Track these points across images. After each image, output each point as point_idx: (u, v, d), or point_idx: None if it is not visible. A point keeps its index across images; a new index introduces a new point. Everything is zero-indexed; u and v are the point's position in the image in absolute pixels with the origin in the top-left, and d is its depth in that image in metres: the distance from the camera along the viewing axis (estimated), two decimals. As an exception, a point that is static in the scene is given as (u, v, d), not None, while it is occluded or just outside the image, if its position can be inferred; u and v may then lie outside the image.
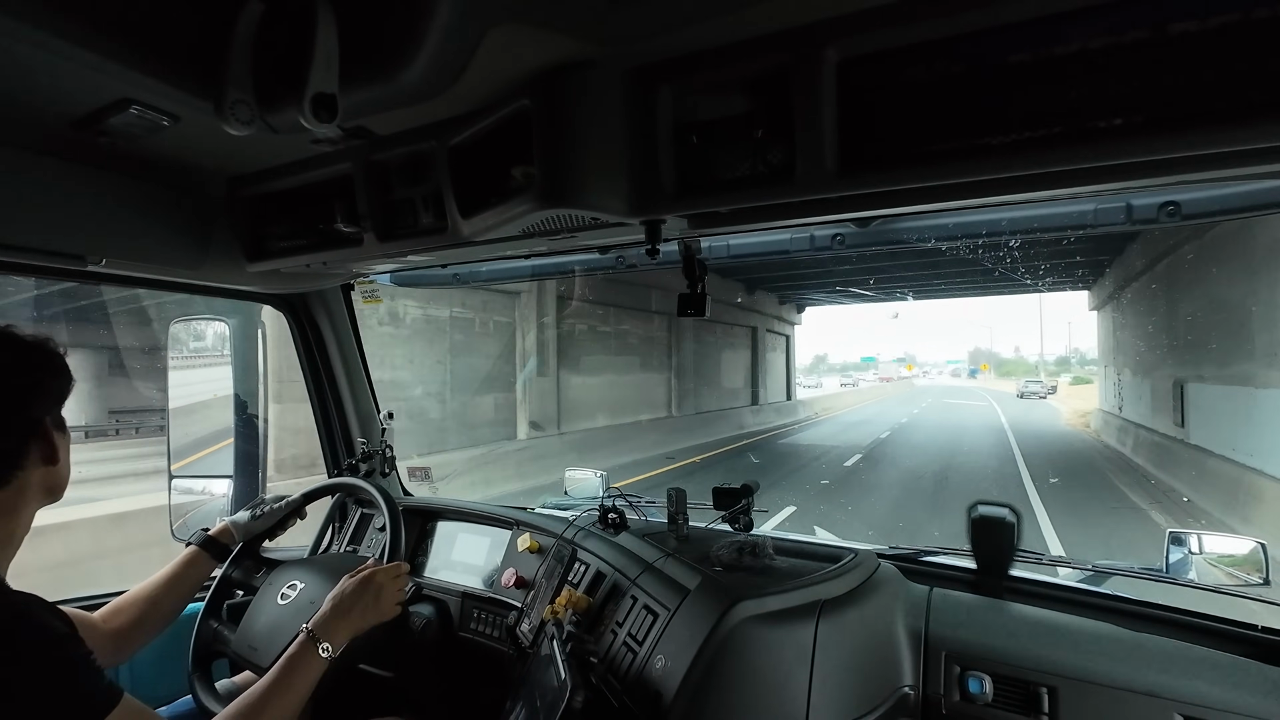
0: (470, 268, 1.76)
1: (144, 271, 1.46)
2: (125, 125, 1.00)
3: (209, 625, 1.43)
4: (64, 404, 0.97)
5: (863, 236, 1.30)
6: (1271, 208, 1.00)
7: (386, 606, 1.18)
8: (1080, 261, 17.35)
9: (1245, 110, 0.64)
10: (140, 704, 0.85)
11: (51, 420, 0.93)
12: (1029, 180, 0.79)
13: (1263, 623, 1.06)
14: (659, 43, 0.86)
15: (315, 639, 1.07)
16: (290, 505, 1.50)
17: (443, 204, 1.16)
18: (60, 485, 0.97)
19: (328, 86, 0.73)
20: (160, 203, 1.33)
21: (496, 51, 0.86)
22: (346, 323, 2.03)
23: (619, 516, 1.56)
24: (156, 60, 0.77)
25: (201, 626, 1.43)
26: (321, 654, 1.06)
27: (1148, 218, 1.07)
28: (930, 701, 1.02)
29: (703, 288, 1.30)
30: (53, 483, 0.95)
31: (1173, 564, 1.23)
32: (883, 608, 1.10)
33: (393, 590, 1.21)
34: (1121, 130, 0.69)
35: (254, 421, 1.97)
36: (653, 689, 1.02)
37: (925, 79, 0.77)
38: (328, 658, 1.06)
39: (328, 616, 1.12)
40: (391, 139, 1.15)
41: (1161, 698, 0.89)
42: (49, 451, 0.92)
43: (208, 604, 1.47)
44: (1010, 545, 1.19)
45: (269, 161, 1.30)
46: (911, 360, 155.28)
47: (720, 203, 0.95)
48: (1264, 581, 1.13)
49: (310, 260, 1.44)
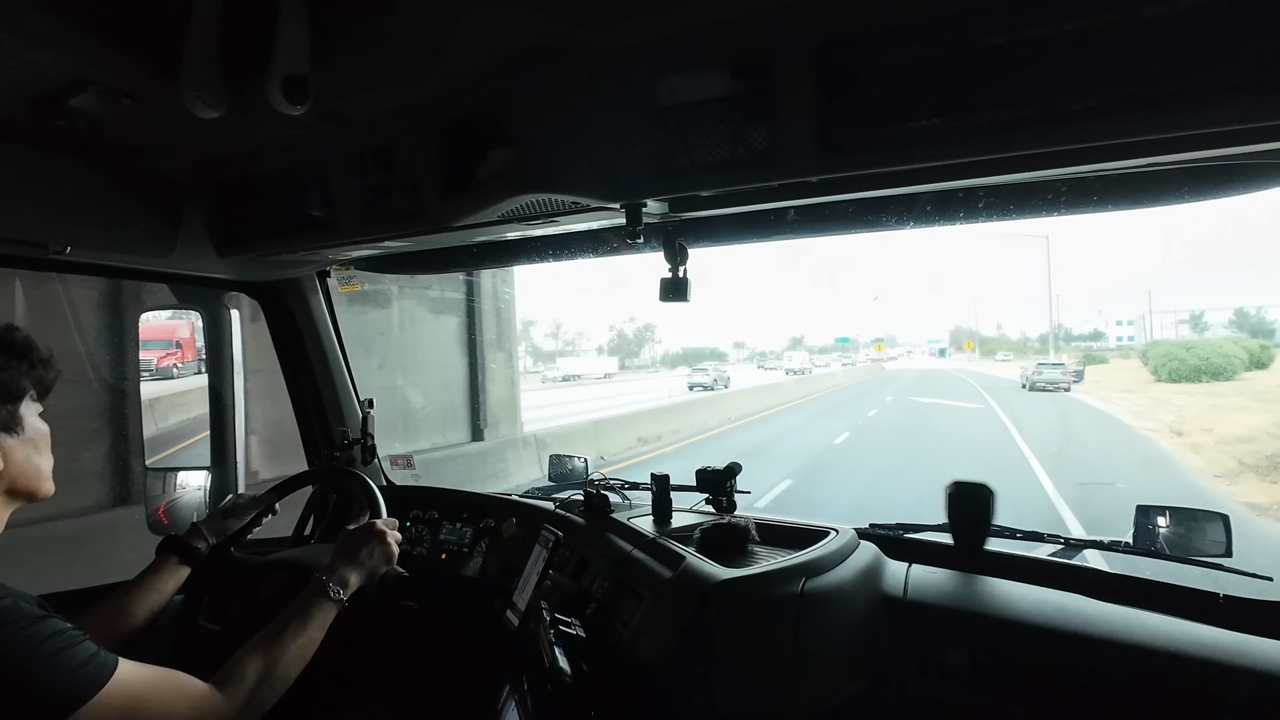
0: (448, 253, 1.73)
1: (111, 260, 1.41)
2: (85, 107, 0.96)
3: (190, 623, 1.38)
4: (21, 400, 0.89)
5: (842, 219, 1.30)
6: (1236, 189, 1.02)
7: (390, 551, 1.20)
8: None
9: (1214, 92, 0.65)
10: (142, 665, 0.84)
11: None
12: (1004, 162, 0.80)
13: (1224, 591, 1.10)
14: (638, 24, 0.85)
15: (325, 583, 1.08)
16: (261, 502, 1.47)
17: (419, 189, 1.14)
18: (21, 487, 0.90)
19: (298, 68, 0.71)
20: (126, 188, 1.29)
21: (471, 32, 0.84)
22: (324, 310, 1.99)
23: (603, 501, 1.57)
24: (118, 39, 0.74)
25: (181, 623, 1.39)
26: (333, 596, 1.07)
27: (1118, 199, 1.09)
28: (909, 675, 1.05)
29: (685, 272, 1.30)
30: (8, 485, 0.88)
31: (1140, 536, 1.27)
32: (863, 584, 1.12)
33: (392, 537, 1.22)
34: (1094, 112, 0.70)
35: (229, 412, 1.94)
36: (639, 669, 1.03)
37: (903, 61, 0.78)
38: (338, 600, 1.08)
39: (336, 563, 1.13)
40: (366, 122, 1.12)
41: (1130, 665, 0.93)
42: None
43: (179, 622, 1.38)
44: (986, 521, 1.22)
45: (239, 146, 1.26)
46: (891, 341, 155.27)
47: (701, 186, 0.95)
48: (1226, 552, 1.17)
49: (284, 246, 1.41)
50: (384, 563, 1.19)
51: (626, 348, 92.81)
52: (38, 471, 0.92)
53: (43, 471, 0.93)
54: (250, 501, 1.45)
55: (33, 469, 0.91)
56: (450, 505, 1.86)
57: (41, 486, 0.93)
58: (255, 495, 1.48)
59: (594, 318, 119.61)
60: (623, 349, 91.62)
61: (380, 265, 1.85)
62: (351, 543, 1.17)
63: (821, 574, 1.09)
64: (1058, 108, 0.71)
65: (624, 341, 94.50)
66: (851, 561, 1.16)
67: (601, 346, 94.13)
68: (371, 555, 1.17)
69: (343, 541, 1.18)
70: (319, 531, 1.89)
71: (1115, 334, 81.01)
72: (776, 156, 0.85)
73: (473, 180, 1.08)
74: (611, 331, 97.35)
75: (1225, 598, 1.09)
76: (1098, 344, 77.37)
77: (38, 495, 0.93)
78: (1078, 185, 1.12)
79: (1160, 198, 1.07)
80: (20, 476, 0.90)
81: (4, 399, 0.87)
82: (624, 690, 1.03)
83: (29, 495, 0.92)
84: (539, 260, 1.68)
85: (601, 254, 1.59)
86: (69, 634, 0.78)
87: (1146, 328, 69.76)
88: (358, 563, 1.14)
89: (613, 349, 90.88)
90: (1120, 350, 56.91)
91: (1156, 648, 0.94)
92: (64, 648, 0.77)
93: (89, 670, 0.77)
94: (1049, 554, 1.31)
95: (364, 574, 1.15)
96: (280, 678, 0.96)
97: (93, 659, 0.78)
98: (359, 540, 1.17)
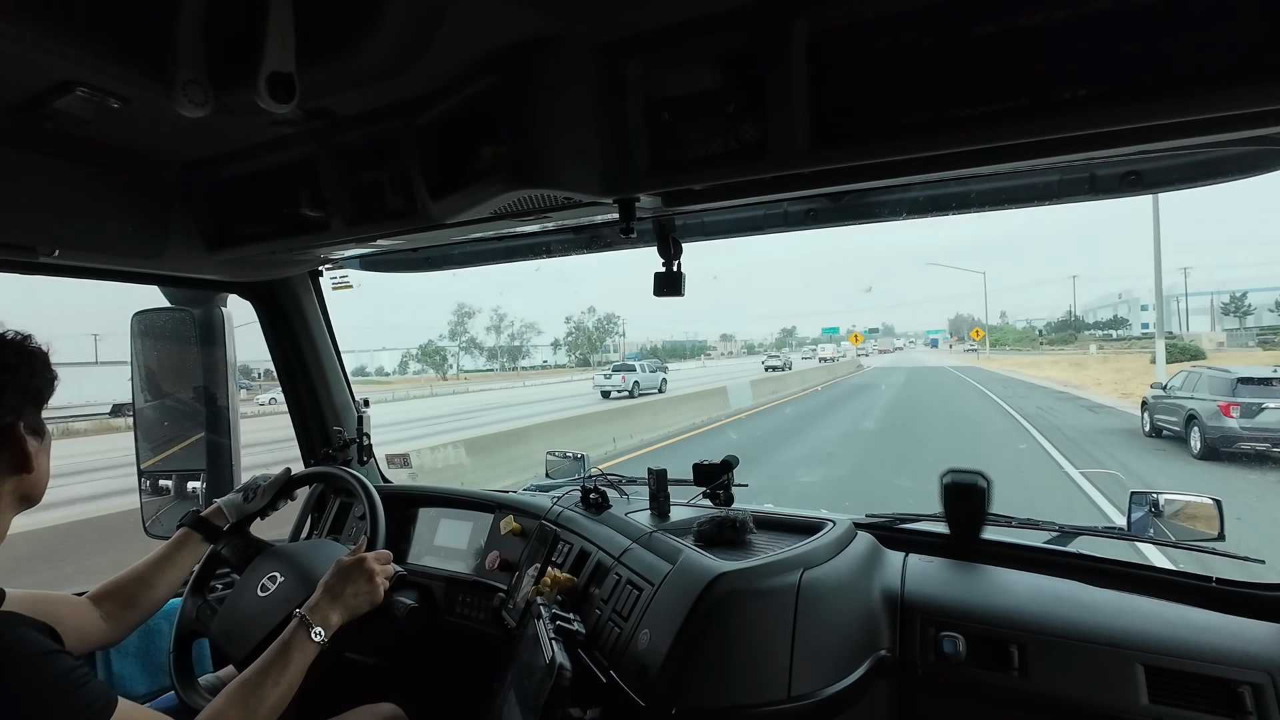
0: (442, 250, 1.73)
1: (100, 262, 1.40)
2: (72, 109, 0.95)
3: (193, 602, 1.41)
4: (42, 406, 0.92)
5: (836, 211, 1.31)
6: (1228, 175, 1.03)
7: (376, 591, 1.19)
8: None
9: (1203, 80, 0.65)
10: (137, 706, 0.84)
11: (25, 425, 0.88)
12: (996, 152, 0.80)
13: (1217, 575, 1.11)
14: (627, 17, 0.85)
15: (308, 624, 1.07)
16: (278, 483, 1.47)
17: (411, 186, 1.13)
18: (36, 492, 0.93)
19: (284, 65, 0.70)
20: (114, 190, 1.28)
21: (460, 27, 0.83)
22: (316, 310, 1.98)
23: (601, 496, 1.57)
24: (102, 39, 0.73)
25: (186, 602, 1.41)
26: (314, 638, 1.06)
27: (1110, 187, 1.10)
28: (906, 663, 1.06)
29: (679, 266, 1.30)
30: (26, 490, 0.91)
31: (1134, 522, 1.28)
32: (860, 574, 1.13)
33: (381, 575, 1.21)
34: (1084, 100, 0.70)
35: (225, 414, 1.93)
36: (638, 663, 1.04)
37: (894, 51, 0.77)
38: (320, 642, 1.07)
39: (319, 602, 1.12)
40: (355, 119, 1.12)
41: (1124, 648, 0.93)
42: (20, 458, 0.87)
43: (194, 581, 1.44)
44: (981, 510, 1.23)
45: (227, 145, 1.25)
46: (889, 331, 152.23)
47: (694, 180, 0.95)
48: (1219, 536, 1.18)
49: (275, 246, 1.40)
50: (366, 604, 1.17)
51: (588, 342, 78.17)
52: (47, 476, 0.95)
53: (48, 476, 0.95)
54: (270, 485, 1.45)
55: (46, 474, 0.94)
56: (449, 503, 1.86)
57: (44, 491, 0.95)
58: (273, 478, 1.47)
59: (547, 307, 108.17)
60: (582, 344, 77.95)
61: (373, 264, 1.84)
62: (339, 579, 1.16)
63: (819, 565, 1.09)
64: (1048, 97, 0.71)
65: (583, 335, 78.84)
66: (849, 552, 1.16)
67: (557, 341, 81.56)
68: (356, 596, 1.15)
69: (331, 575, 1.17)
70: (319, 534, 1.89)
71: (1141, 320, 69.86)
72: (769, 149, 0.84)
73: (465, 177, 1.07)
74: (568, 324, 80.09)
75: (1218, 580, 1.10)
76: (1118, 332, 69.34)
77: (38, 499, 0.95)
78: (1070, 174, 1.12)
79: (1151, 185, 1.08)
80: (40, 481, 0.93)
81: (36, 406, 0.91)
82: (625, 683, 1.04)
83: (35, 500, 0.94)
84: (533, 256, 1.68)
85: (595, 249, 1.59)
86: (77, 674, 0.79)
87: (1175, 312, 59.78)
88: (341, 602, 1.13)
89: (571, 344, 78.77)
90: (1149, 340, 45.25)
91: (1151, 632, 0.95)
92: (71, 690, 0.77)
93: (92, 713, 0.77)
94: (1045, 541, 1.32)
95: (346, 614, 1.14)
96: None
97: (96, 702, 0.78)
98: (345, 579, 1.16)
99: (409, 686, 1.69)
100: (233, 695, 0.96)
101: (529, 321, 77.58)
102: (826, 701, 0.97)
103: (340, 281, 1.95)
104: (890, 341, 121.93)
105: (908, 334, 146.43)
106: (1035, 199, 1.16)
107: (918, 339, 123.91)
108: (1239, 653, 0.89)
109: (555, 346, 79.56)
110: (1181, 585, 1.12)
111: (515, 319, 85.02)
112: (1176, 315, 61.16)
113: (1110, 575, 1.17)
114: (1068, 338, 68.07)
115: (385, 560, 1.24)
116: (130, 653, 1.56)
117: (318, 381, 2.01)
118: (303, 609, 1.10)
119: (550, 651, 0.99)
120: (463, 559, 1.74)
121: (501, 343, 74.54)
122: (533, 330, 77.10)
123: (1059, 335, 71.72)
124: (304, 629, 1.06)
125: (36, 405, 0.91)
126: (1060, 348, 55.44)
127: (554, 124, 0.94)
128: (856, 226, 1.37)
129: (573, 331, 79.55)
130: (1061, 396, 16.11)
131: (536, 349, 78.91)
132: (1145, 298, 69.46)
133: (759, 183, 0.96)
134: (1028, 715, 0.97)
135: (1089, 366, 26.51)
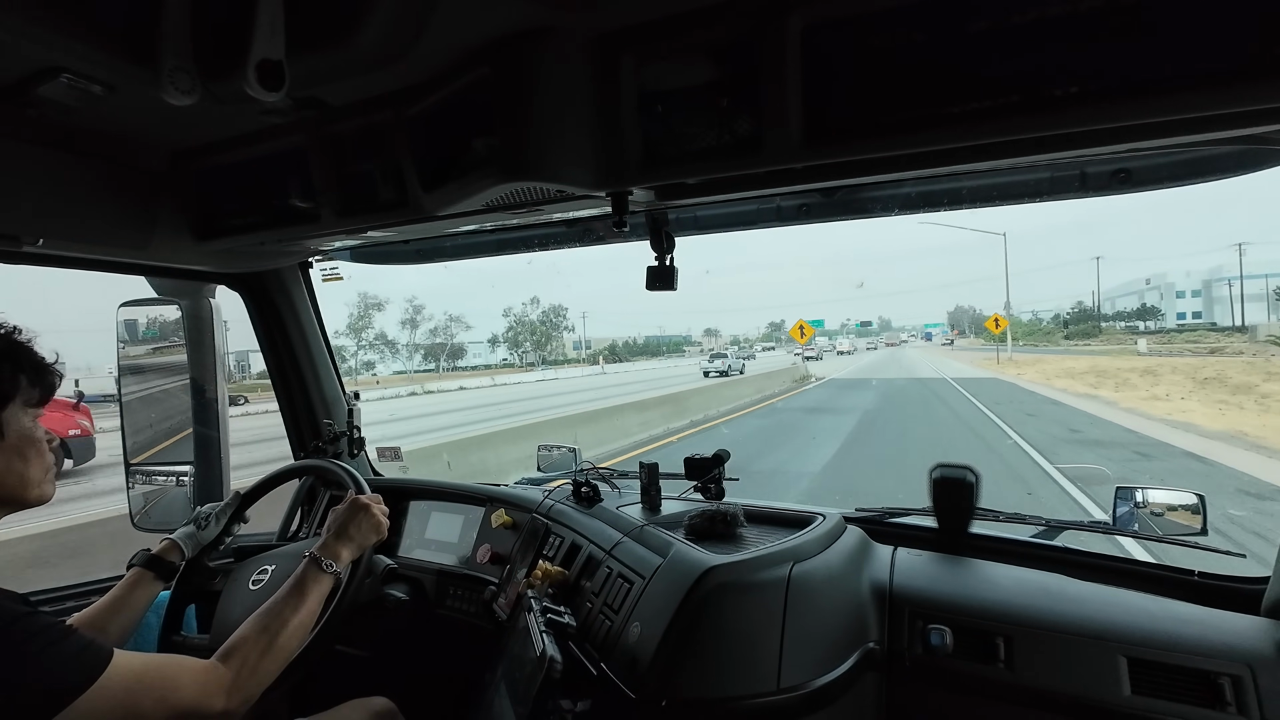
0: (433, 243, 1.72)
1: (86, 252, 1.38)
2: (56, 96, 0.94)
3: (170, 640, 1.37)
4: (11, 399, 0.87)
5: (828, 206, 1.31)
6: (1216, 174, 1.04)
7: (380, 523, 1.22)
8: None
9: (1192, 80, 0.66)
10: (138, 654, 0.83)
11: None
12: (988, 149, 0.80)
13: (1199, 568, 1.13)
14: (620, 9, 0.84)
15: (318, 559, 1.08)
16: (231, 506, 1.45)
17: (402, 177, 1.12)
18: (7, 495, 0.88)
19: (273, 53, 0.69)
20: (100, 179, 1.26)
21: (452, 16, 0.83)
22: (306, 301, 1.97)
23: (592, 490, 1.58)
24: (86, 25, 0.72)
25: (162, 645, 1.37)
26: (326, 569, 1.08)
27: (1100, 184, 1.10)
28: (895, 655, 1.07)
29: (671, 260, 1.30)
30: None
31: (1119, 517, 1.30)
32: (849, 568, 1.14)
33: (379, 510, 1.23)
34: (1076, 98, 0.70)
35: (213, 408, 1.91)
36: (629, 655, 1.04)
37: (888, 47, 0.77)
38: (333, 572, 1.08)
39: (326, 540, 1.14)
40: (346, 109, 1.11)
41: (1107, 640, 0.95)
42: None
43: (164, 625, 1.40)
44: (970, 504, 1.24)
45: (216, 134, 1.24)
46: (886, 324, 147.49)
47: (687, 173, 0.95)
48: (1201, 531, 1.20)
49: (265, 237, 1.38)
50: (373, 533, 1.20)
51: (533, 339, 64.35)
52: (21, 479, 0.90)
53: (28, 479, 0.90)
54: (223, 509, 1.44)
55: (15, 477, 0.89)
56: (440, 497, 1.85)
57: (28, 494, 0.91)
58: (223, 504, 1.46)
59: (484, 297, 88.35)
60: (525, 340, 64.39)
61: (364, 256, 1.83)
62: (339, 520, 1.19)
63: (809, 558, 1.10)
64: (1039, 95, 0.72)
65: (526, 330, 64.80)
66: (838, 546, 1.17)
67: (496, 336, 65.39)
68: (359, 529, 1.18)
69: (331, 522, 1.20)
70: (309, 528, 1.87)
71: (1177, 309, 59.50)
72: (762, 143, 0.84)
73: (457, 169, 1.07)
74: (508, 317, 64.61)
75: (1200, 574, 1.11)
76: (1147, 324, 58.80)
77: (25, 503, 0.91)
78: (1061, 171, 1.13)
79: (1141, 183, 1.08)
80: (12, 482, 0.88)
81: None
82: (615, 676, 1.04)
83: (15, 503, 0.90)
84: (525, 250, 1.67)
85: (588, 243, 1.58)
86: (56, 629, 0.78)
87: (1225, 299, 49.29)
88: (347, 537, 1.16)
89: (511, 340, 64.07)
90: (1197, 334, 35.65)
91: (1134, 624, 0.96)
92: (52, 642, 0.76)
93: (85, 658, 0.77)
94: (1031, 535, 1.33)
95: (354, 548, 1.17)
96: (281, 648, 0.97)
97: (86, 649, 0.78)
98: (349, 516, 1.19)
99: (400, 680, 1.69)
100: (252, 624, 0.97)
101: (454, 314, 61.33)
102: (816, 693, 0.97)
103: (330, 273, 1.94)
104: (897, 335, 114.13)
105: (905, 327, 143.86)
106: (1026, 195, 1.17)
107: (916, 333, 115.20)
108: (1219, 645, 0.91)
109: (493, 343, 63.63)
110: (1164, 578, 1.14)
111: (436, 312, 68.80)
112: (1229, 303, 51.36)
113: (1095, 569, 1.19)
114: (1088, 330, 57.90)
115: (377, 500, 1.26)
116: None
117: (308, 374, 1.99)
118: (311, 550, 1.11)
119: (541, 644, 1.00)
120: (454, 552, 1.74)
121: (419, 340, 58.01)
122: (459, 324, 59.74)
123: (1078, 329, 61.68)
124: (314, 564, 1.08)
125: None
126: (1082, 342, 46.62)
127: (547, 116, 0.93)
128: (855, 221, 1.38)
129: (513, 326, 64.96)
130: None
131: (472, 346, 63.79)
132: (1181, 283, 60.86)
133: (752, 177, 0.96)
134: (1013, 706, 0.98)
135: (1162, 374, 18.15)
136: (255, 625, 0.97)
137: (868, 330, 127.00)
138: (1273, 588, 1.01)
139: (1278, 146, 0.90)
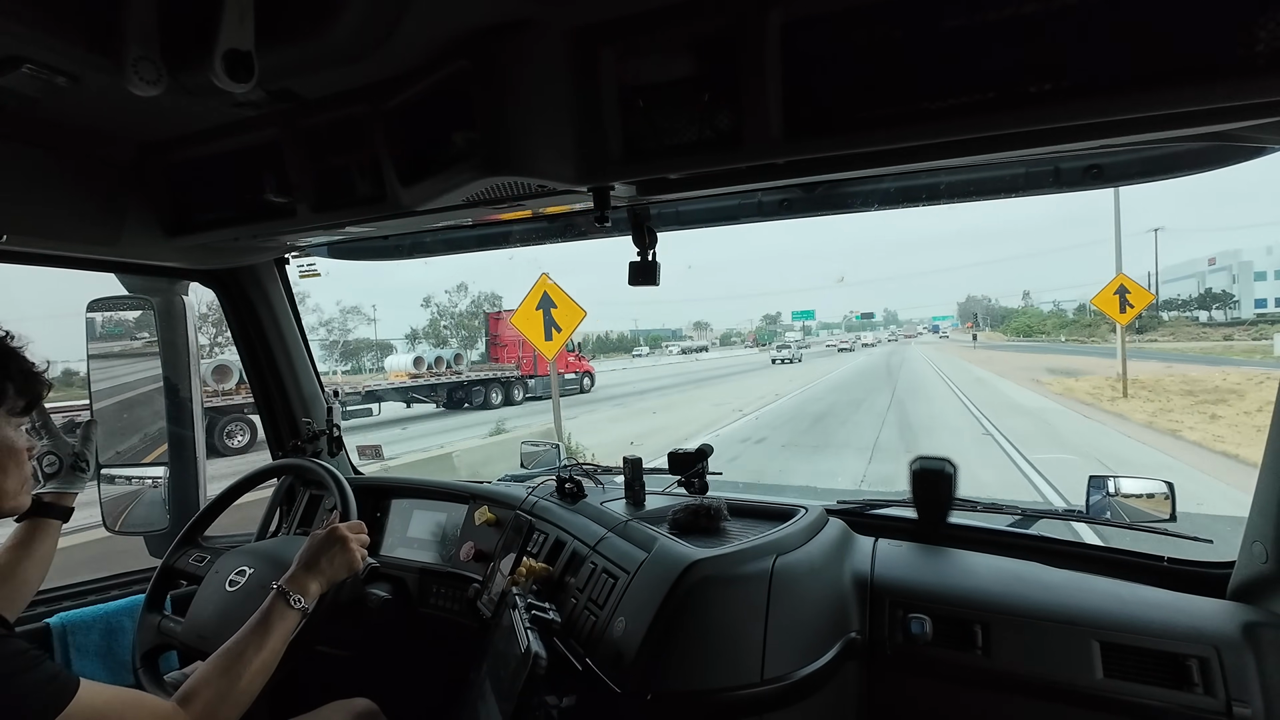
0: (413, 238, 1.70)
1: (53, 248, 1.34)
2: (18, 87, 0.90)
3: (152, 618, 1.38)
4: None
5: (809, 201, 1.32)
6: (1185, 170, 1.06)
7: (353, 557, 1.17)
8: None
9: (1161, 78, 0.67)
10: (104, 686, 0.81)
11: None
12: (964, 144, 0.81)
13: (1169, 555, 1.16)
14: (600, 1, 0.84)
15: (286, 593, 1.05)
16: (90, 429, 1.30)
17: (380, 171, 1.10)
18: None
19: (242, 43, 0.68)
20: (65, 173, 1.22)
21: (429, 8, 0.81)
22: (283, 298, 1.93)
23: (576, 486, 1.57)
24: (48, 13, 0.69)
25: (144, 620, 1.38)
26: (294, 605, 1.04)
27: (1073, 180, 1.12)
28: (876, 644, 1.08)
29: (654, 255, 1.29)
30: None
31: (1093, 505, 1.33)
32: (831, 559, 1.15)
33: (357, 543, 1.19)
34: (1049, 95, 0.71)
35: (187, 407, 1.87)
36: (614, 650, 1.05)
37: (867, 43, 0.78)
38: (300, 609, 1.05)
39: (295, 573, 1.10)
40: (321, 102, 1.08)
41: (1080, 626, 0.97)
42: None
43: (149, 596, 1.42)
44: (948, 495, 1.26)
45: (186, 127, 1.20)
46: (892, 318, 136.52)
47: (668, 168, 0.94)
48: (1171, 518, 1.24)
49: (239, 233, 1.35)
50: (345, 570, 1.15)
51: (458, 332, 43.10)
52: (14, 488, 0.88)
53: (4, 490, 0.88)
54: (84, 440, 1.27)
55: (7, 486, 0.87)
56: (422, 494, 1.84)
57: (1, 505, 0.88)
58: (80, 433, 1.28)
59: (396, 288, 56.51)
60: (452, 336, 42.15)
61: (342, 252, 1.80)
62: (313, 550, 1.14)
63: (791, 551, 1.11)
64: (1015, 91, 0.72)
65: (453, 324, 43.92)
66: (820, 538, 1.18)
67: (415, 332, 43.77)
68: (332, 563, 1.13)
69: (304, 549, 1.15)
70: (289, 527, 1.85)
71: (1257, 294, 48.30)
72: (743, 138, 0.84)
73: (436, 163, 1.05)
74: (429, 308, 44.29)
75: (1169, 560, 1.15)
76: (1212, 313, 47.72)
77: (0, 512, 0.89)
78: (1035, 166, 1.14)
79: (1112, 179, 1.11)
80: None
81: None
82: (601, 670, 1.04)
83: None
84: (506, 245, 1.66)
85: (570, 238, 1.57)
86: (29, 654, 0.76)
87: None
88: (318, 570, 1.11)
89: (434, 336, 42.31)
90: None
91: (1106, 610, 0.98)
92: (23, 669, 0.74)
93: (51, 690, 0.75)
94: (1008, 524, 1.36)
95: (324, 581, 1.12)
96: (244, 692, 0.94)
97: (54, 680, 0.76)
98: (321, 548, 1.14)
99: (383, 680, 1.68)
100: (214, 665, 0.93)
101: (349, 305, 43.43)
102: (799, 683, 0.99)
103: (307, 270, 1.90)
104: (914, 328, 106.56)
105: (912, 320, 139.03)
106: (1003, 190, 1.19)
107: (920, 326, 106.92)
108: (1187, 628, 0.93)
109: (412, 340, 43.28)
110: (1135, 565, 1.17)
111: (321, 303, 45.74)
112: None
113: (1069, 556, 1.22)
114: (1149, 322, 42.87)
115: (359, 530, 1.22)
116: (91, 651, 1.52)
117: (285, 372, 1.96)
118: (279, 581, 1.07)
119: (525, 640, 0.99)
120: (437, 550, 1.73)
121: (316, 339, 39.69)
122: (357, 315, 44.43)
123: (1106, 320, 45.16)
124: (282, 598, 1.04)
125: None
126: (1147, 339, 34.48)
127: (527, 110, 0.92)
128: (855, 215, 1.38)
129: (435, 319, 45.85)
130: None
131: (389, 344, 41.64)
132: (1260, 262, 49.55)
133: (734, 172, 0.96)
134: (991, 692, 1.00)
135: None
136: (217, 666, 0.93)
137: (869, 323, 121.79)
138: (1238, 572, 1.05)
139: (1245, 143, 0.92)
